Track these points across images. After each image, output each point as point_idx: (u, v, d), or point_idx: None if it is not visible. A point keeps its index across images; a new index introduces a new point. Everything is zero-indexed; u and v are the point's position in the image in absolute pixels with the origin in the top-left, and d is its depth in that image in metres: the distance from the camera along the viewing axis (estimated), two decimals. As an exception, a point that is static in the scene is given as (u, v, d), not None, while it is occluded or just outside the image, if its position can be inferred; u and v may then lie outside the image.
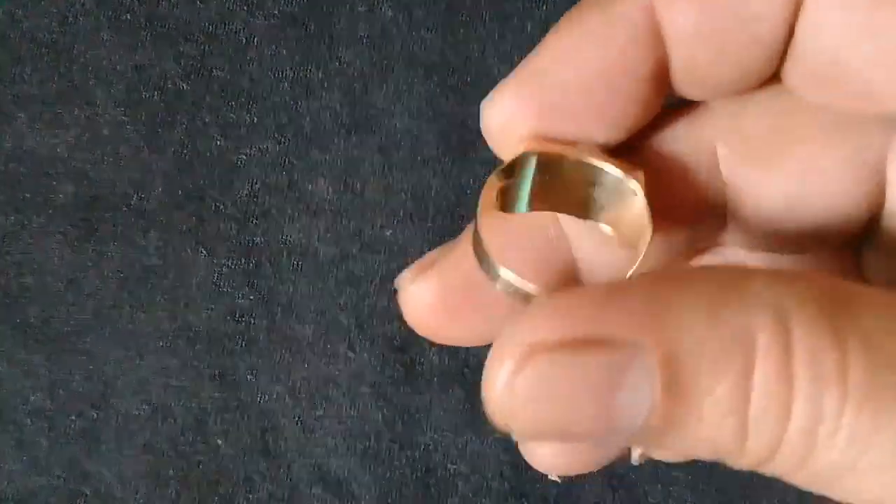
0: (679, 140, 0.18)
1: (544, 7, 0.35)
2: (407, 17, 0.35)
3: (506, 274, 0.16)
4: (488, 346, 0.17)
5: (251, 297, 0.34)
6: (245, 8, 0.35)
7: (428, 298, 0.18)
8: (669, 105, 0.18)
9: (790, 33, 0.16)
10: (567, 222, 0.18)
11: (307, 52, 0.35)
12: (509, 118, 0.17)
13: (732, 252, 0.19)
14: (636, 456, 0.19)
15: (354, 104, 0.35)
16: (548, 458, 0.19)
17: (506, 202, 0.17)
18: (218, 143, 0.35)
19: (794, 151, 0.18)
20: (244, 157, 0.35)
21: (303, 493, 0.33)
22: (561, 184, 0.17)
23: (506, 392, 0.13)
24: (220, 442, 0.33)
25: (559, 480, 0.33)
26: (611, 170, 0.17)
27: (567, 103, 0.16)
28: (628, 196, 0.17)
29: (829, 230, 0.18)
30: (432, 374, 0.34)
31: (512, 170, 0.17)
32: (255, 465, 0.33)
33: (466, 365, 0.34)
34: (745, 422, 0.13)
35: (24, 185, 0.34)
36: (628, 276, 0.16)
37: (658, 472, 0.33)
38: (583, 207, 0.18)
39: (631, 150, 0.18)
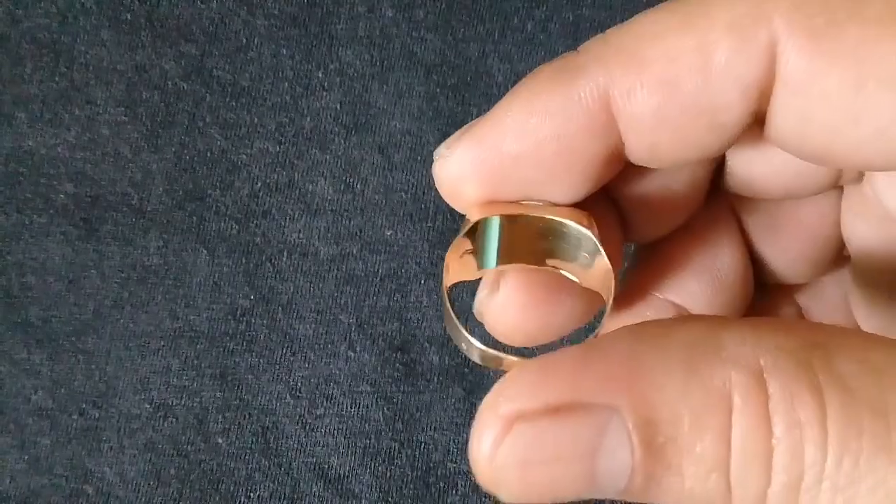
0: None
1: (544, 7, 0.35)
2: (407, 18, 0.35)
3: (481, 346, 0.17)
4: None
5: (252, 297, 0.34)
6: (245, 8, 0.35)
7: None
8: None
9: (754, 119, 0.16)
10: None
11: (307, 52, 0.35)
12: (461, 178, 0.17)
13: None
14: None
15: (354, 104, 0.35)
16: None
17: (470, 268, 0.18)
18: (218, 142, 0.35)
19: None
20: (244, 156, 0.35)
21: (303, 492, 0.33)
22: (521, 241, 0.18)
23: (490, 460, 0.14)
24: (220, 441, 0.34)
25: None
26: (565, 223, 0.17)
27: (519, 173, 0.17)
28: (587, 244, 0.17)
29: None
30: (432, 374, 0.34)
31: (470, 238, 0.17)
32: (256, 464, 0.33)
33: (466, 364, 0.34)
34: (727, 478, 0.13)
35: (24, 185, 0.34)
36: (601, 327, 0.16)
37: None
38: (546, 259, 0.18)
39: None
